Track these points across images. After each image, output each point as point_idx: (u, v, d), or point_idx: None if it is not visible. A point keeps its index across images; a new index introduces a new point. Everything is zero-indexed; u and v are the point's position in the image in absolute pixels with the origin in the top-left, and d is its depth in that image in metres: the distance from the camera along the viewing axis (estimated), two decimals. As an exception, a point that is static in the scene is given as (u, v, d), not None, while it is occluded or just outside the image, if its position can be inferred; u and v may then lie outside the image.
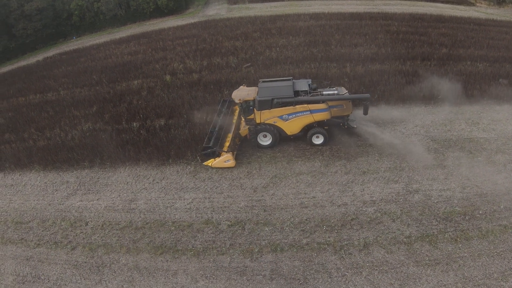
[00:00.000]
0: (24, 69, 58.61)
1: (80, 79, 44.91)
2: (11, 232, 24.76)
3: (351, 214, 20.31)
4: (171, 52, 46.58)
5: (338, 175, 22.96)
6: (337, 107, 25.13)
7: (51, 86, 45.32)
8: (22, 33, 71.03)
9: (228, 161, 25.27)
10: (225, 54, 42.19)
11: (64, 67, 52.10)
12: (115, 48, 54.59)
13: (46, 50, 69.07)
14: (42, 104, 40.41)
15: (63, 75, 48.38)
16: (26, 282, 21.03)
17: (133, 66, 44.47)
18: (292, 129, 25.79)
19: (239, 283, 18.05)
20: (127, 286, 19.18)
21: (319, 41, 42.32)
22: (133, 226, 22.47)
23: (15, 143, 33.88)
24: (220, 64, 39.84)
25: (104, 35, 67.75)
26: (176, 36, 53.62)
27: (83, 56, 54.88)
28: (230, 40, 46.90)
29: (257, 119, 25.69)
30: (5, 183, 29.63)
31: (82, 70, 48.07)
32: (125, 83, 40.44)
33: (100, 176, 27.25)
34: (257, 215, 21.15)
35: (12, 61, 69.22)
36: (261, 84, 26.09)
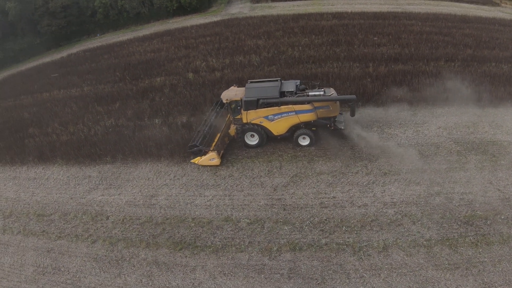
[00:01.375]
0: (48, 65, 59.49)
1: (104, 75, 45.47)
2: (33, 224, 25.29)
3: (371, 215, 20.15)
4: (194, 50, 46.80)
5: (359, 176, 22.79)
6: (323, 108, 25.03)
7: (75, 82, 46.00)
8: (46, 29, 72.11)
9: (213, 159, 25.82)
10: (248, 53, 42.21)
11: (88, 63, 52.79)
12: (138, 46, 55.05)
13: (70, 46, 69.98)
14: (66, 100, 41.05)
15: (87, 71, 49.04)
16: (46, 273, 21.48)
17: (156, 64, 44.82)
18: (278, 129, 26.01)
19: (257, 281, 18.11)
20: (145, 280, 19.41)
21: (342, 41, 42.05)
22: (153, 222, 22.75)
23: (39, 137, 34.54)
24: (243, 62, 39.91)
25: (127, 32, 68.31)
26: (199, 34, 53.79)
27: (107, 53, 55.49)
28: (252, 39, 46.90)
29: (244, 119, 25.97)
30: (28, 176, 30.22)
31: (106, 67, 48.64)
32: (148, 80, 40.82)
33: (121, 171, 27.62)
34: (277, 214, 21.17)
35: (37, 57, 70.30)
36: (248, 85, 26.42)
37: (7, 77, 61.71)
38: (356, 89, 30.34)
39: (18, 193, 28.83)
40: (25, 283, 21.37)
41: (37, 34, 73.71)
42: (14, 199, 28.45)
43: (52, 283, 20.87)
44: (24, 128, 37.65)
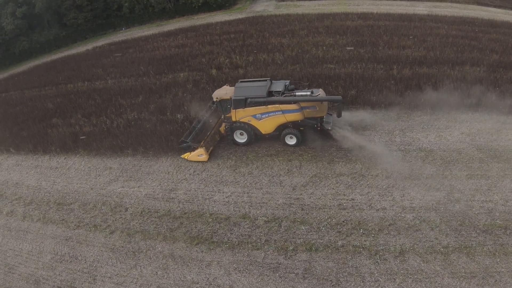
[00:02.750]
0: (73, 57, 60.29)
1: (128, 69, 45.94)
2: (52, 213, 25.75)
3: (389, 219, 19.93)
4: (218, 47, 46.94)
5: (378, 179, 22.57)
6: (310, 109, 25.33)
7: (99, 75, 46.59)
8: (72, 22, 73.17)
9: (201, 156, 26.63)
10: (271, 51, 42.17)
11: (113, 57, 53.29)
12: (163, 41, 55.46)
13: (96, 40, 70.80)
14: (90, 92, 41.60)
15: (111, 64, 49.61)
16: (63, 261, 21.87)
17: (180, 59, 45.09)
18: (266, 128, 26.53)
19: (271, 279, 18.12)
20: (161, 273, 19.62)
21: (367, 42, 41.73)
22: (171, 215, 22.96)
23: (62, 128, 35.12)
24: (266, 60, 39.89)
25: (152, 27, 68.80)
26: (224, 31, 53.93)
27: (132, 47, 56.03)
28: (276, 37, 46.85)
29: (233, 117, 26.57)
30: (50, 165, 30.77)
31: (130, 60, 49.15)
32: (171, 75, 41.10)
33: (142, 164, 27.94)
34: (295, 213, 21.13)
35: (62, 49, 71.37)
36: (238, 84, 27.11)
37: (33, 68, 62.79)
38: (379, 91, 30.11)
39: (40, 182, 29.36)
40: (42, 269, 21.79)
41: (63, 27, 74.84)
42: (35, 187, 28.99)
43: (69, 271, 21.24)
44: (48, 118, 38.31)
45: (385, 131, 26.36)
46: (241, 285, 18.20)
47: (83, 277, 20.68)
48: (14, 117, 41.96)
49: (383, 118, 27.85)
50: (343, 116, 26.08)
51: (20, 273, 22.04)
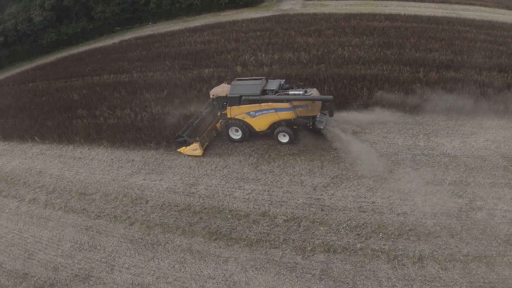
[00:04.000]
0: (100, 50, 61.05)
1: (153, 63, 46.36)
2: (74, 202, 26.17)
3: (410, 224, 19.63)
4: (244, 44, 47.01)
5: (400, 183, 22.25)
6: (302, 107, 25.74)
7: (125, 68, 47.13)
8: (100, 15, 74.10)
9: (196, 150, 27.50)
10: (297, 50, 42.03)
11: (139, 51, 53.97)
12: (189, 36, 55.80)
13: (122, 33, 71.64)
14: (115, 85, 42.09)
15: (137, 58, 50.13)
16: (82, 250, 22.17)
17: (205, 55, 45.34)
18: (259, 125, 27.17)
19: (287, 278, 18.07)
20: (178, 266, 19.74)
21: (393, 43, 41.27)
22: (191, 210, 23.09)
23: (87, 119, 35.63)
24: (291, 59, 39.76)
25: (179, 23, 69.20)
26: (250, 29, 53.97)
27: (158, 42, 56.53)
28: (302, 36, 46.68)
29: (228, 114, 27.37)
30: (73, 156, 31.27)
31: (156, 55, 49.58)
32: (196, 70, 41.34)
33: (164, 158, 28.22)
34: (314, 214, 21.03)
35: (89, 41, 72.40)
36: (234, 82, 27.72)
37: (60, 59, 63.79)
38: (405, 94, 29.75)
39: (63, 171, 29.84)
40: (61, 257, 22.11)
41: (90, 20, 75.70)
42: (58, 176, 29.46)
43: (87, 259, 21.51)
44: (73, 109, 38.91)
45: (409, 135, 26.04)
46: (257, 282, 18.18)
47: (101, 266, 20.93)
48: (40, 106, 42.72)
49: (407, 122, 27.52)
50: (366, 117, 25.98)
51: (39, 260, 22.41)
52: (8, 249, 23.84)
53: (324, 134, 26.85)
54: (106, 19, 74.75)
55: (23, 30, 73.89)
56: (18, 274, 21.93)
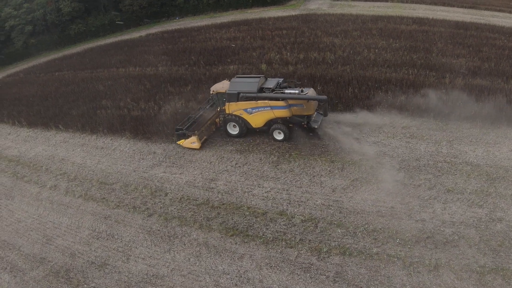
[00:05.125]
0: (126, 42, 61.58)
1: (179, 58, 46.66)
2: (94, 190, 26.65)
3: (428, 231, 19.34)
4: (269, 42, 46.93)
5: (421, 189, 21.96)
6: (297, 106, 26.36)
7: (151, 61, 47.50)
8: (128, 9, 74.74)
9: (194, 143, 28.37)
10: (323, 50, 41.78)
11: (165, 45, 54.30)
12: (215, 32, 55.86)
13: (149, 27, 72.14)
14: (140, 77, 42.50)
15: (163, 52, 50.45)
16: (100, 238, 22.58)
17: (230, 52, 45.38)
18: (256, 122, 27.91)
19: (302, 278, 18.07)
20: (193, 260, 19.95)
21: (420, 47, 40.67)
22: (210, 205, 23.27)
23: (111, 110, 36.09)
24: (317, 59, 39.57)
25: (205, 18, 69.37)
26: (276, 27, 53.83)
27: (184, 37, 56.79)
28: (329, 36, 46.36)
29: (227, 110, 28.22)
30: (96, 145, 31.75)
31: (182, 49, 49.87)
32: (221, 67, 41.48)
33: (185, 152, 28.48)
34: (332, 215, 20.94)
35: (116, 34, 73.09)
36: (234, 79, 28.83)
37: (87, 50, 64.53)
38: (430, 99, 29.36)
39: (85, 160, 30.33)
40: (79, 244, 22.57)
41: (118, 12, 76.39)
42: (80, 164, 29.98)
43: (104, 248, 21.90)
44: (98, 99, 39.41)
45: (432, 141, 25.71)
46: (271, 281, 18.23)
47: (117, 255, 21.28)
48: (65, 95, 43.38)
49: (431, 127, 27.16)
50: (389, 120, 25.86)
51: (57, 245, 22.89)
52: (27, 233, 24.41)
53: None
54: (133, 12, 75.32)
55: (52, 20, 74.95)
56: (35, 258, 22.43)
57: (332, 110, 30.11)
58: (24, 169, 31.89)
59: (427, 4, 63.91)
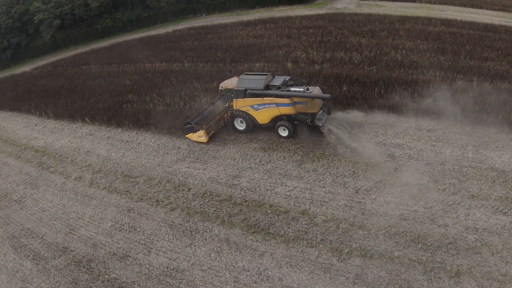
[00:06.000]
0: (153, 38, 62.20)
1: (205, 54, 46.95)
2: (118, 183, 27.09)
3: (450, 237, 19.04)
4: (296, 41, 46.85)
5: (445, 194, 21.58)
6: (302, 104, 26.72)
7: (177, 57, 47.94)
8: (155, 4, 75.60)
9: (201, 137, 29.10)
10: (349, 50, 41.50)
11: (191, 41, 54.76)
12: (241, 30, 56.09)
13: (176, 23, 72.75)
14: (167, 73, 42.89)
15: (189, 48, 50.89)
16: (122, 230, 22.97)
17: (256, 49, 45.45)
18: (262, 118, 28.38)
19: (321, 278, 18.05)
20: (214, 255, 20.13)
21: (448, 50, 40.02)
22: (232, 201, 23.40)
23: (136, 104, 36.54)
24: (343, 58, 39.31)
25: (232, 16, 69.69)
26: (302, 25, 53.73)
27: (210, 34, 57.15)
28: (355, 36, 46.05)
29: (234, 106, 28.86)
30: (121, 138, 32.17)
31: (208, 46, 50.14)
32: (247, 64, 41.51)
33: (209, 148, 28.69)
34: (354, 217, 20.82)
35: (143, 29, 74.05)
36: (242, 76, 29.34)
37: (114, 45, 65.51)
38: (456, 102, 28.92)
39: (110, 152, 30.81)
40: (101, 235, 23.01)
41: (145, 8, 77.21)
42: (105, 157, 30.47)
43: (126, 240, 22.27)
44: (124, 93, 39.93)
45: (458, 145, 25.31)
46: (291, 280, 18.27)
47: (139, 248, 21.61)
48: (92, 89, 44.06)
49: (457, 131, 26.70)
50: (415, 123, 26.46)
51: (80, 235, 23.39)
52: (51, 223, 25.00)
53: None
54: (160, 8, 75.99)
55: (80, 15, 76.20)
56: (58, 247, 22.95)
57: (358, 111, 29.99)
58: (50, 159, 32.51)
59: (456, 6, 63.16)
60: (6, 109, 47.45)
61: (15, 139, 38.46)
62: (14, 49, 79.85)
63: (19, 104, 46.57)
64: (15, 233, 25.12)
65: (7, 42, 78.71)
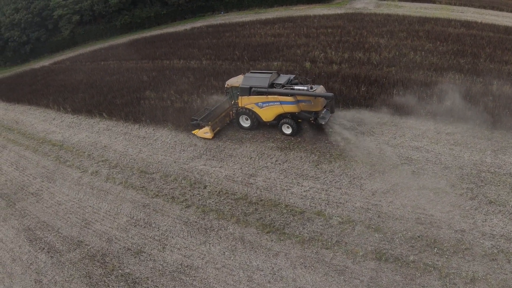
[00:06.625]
0: (171, 35, 62.54)
1: (223, 52, 47.04)
2: (134, 179, 27.25)
3: (466, 243, 18.75)
4: (314, 40, 46.71)
5: (462, 198, 21.28)
6: (305, 102, 27.28)
7: (195, 55, 48.10)
8: (173, 2, 75.81)
9: (207, 133, 29.82)
10: (368, 50, 41.28)
11: (209, 39, 54.90)
12: (259, 28, 56.13)
13: (194, 20, 73.09)
14: (184, 70, 43.05)
15: (207, 46, 51.02)
16: (137, 225, 23.11)
17: (275, 48, 45.42)
18: (266, 116, 28.88)
19: (335, 280, 17.95)
20: (228, 254, 20.15)
21: (468, 52, 39.53)
22: (248, 200, 23.42)
23: (154, 101, 36.77)
24: (362, 59, 39.12)
25: (250, 14, 69.76)
26: (321, 25, 53.54)
27: (228, 31, 57.26)
28: (374, 36, 45.75)
29: (240, 103, 29.38)
30: (138, 134, 32.38)
31: (226, 44, 50.22)
32: (265, 63, 41.53)
33: (226, 146, 28.80)
34: (370, 219, 20.66)
35: (162, 26, 74.54)
36: (247, 74, 29.89)
37: (132, 41, 65.96)
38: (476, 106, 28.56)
39: (127, 148, 31.04)
40: (116, 230, 23.17)
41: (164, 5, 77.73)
42: (122, 152, 30.71)
43: (141, 235, 22.40)
44: (142, 89, 40.22)
45: (476, 150, 24.97)
46: (304, 280, 18.22)
47: (153, 243, 21.73)
48: (110, 84, 44.40)
49: (475, 135, 26.36)
50: (433, 126, 26.11)
51: (95, 230, 23.61)
52: (67, 216, 25.29)
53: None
54: (179, 5, 76.30)
55: (99, 11, 76.86)
56: (73, 240, 23.21)
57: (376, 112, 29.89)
58: (67, 153, 32.85)
59: (476, 8, 62.48)
60: (24, 103, 48.05)
61: (33, 133, 38.93)
62: (34, 43, 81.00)
63: (37, 98, 47.16)
64: (31, 226, 25.45)
65: (26, 36, 79.77)
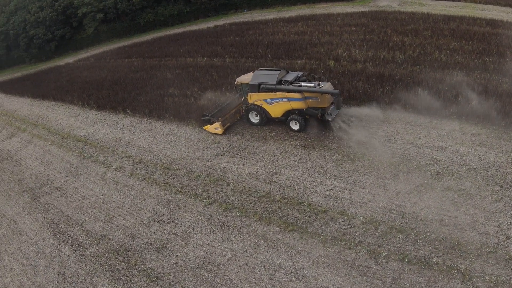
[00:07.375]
0: (195, 33, 62.83)
1: (246, 50, 47.13)
2: (158, 175, 27.55)
3: (491, 246, 18.46)
4: (338, 38, 46.42)
5: (487, 201, 20.92)
6: (312, 99, 27.64)
7: (218, 53, 48.24)
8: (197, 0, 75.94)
9: (217, 129, 30.55)
10: (392, 49, 40.82)
11: (232, 36, 55.03)
12: (283, 26, 56.04)
13: (217, 18, 73.34)
14: (208, 67, 43.24)
15: (231, 44, 51.18)
16: (160, 221, 23.39)
17: (298, 46, 45.30)
18: (275, 112, 29.38)
19: (357, 281, 17.92)
20: (250, 251, 20.26)
21: (494, 51, 38.83)
22: (271, 198, 23.45)
23: (178, 98, 37.04)
24: (386, 57, 38.74)
25: (273, 12, 69.69)
26: (344, 23, 53.15)
27: (251, 29, 57.32)
28: (399, 35, 45.21)
29: (249, 100, 30.08)
30: (162, 131, 32.70)
31: (249, 42, 50.30)
32: (288, 61, 41.49)
33: (250, 144, 28.90)
34: (394, 220, 20.51)
35: (185, 24, 75.01)
36: (256, 71, 30.35)
37: (156, 39, 66.57)
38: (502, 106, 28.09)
39: (150, 144, 31.34)
40: (140, 225, 23.49)
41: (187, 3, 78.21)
42: (145, 148, 31.05)
43: (164, 231, 22.68)
44: (165, 87, 40.54)
45: (502, 151, 24.53)
46: (326, 280, 18.22)
47: (176, 239, 21.98)
48: (134, 81, 44.87)
49: (501, 137, 25.88)
50: (459, 126, 26.12)
51: (118, 224, 23.99)
52: (90, 211, 25.76)
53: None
54: (202, 3, 76.64)
55: (123, 9, 77.64)
56: (96, 235, 23.64)
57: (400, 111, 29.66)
58: (91, 149, 33.34)
59: (501, 6, 61.27)
60: (49, 99, 48.97)
61: (57, 128, 39.61)
62: (58, 41, 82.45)
63: (62, 95, 48.01)
64: (55, 219, 25.98)
65: (51, 34, 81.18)
